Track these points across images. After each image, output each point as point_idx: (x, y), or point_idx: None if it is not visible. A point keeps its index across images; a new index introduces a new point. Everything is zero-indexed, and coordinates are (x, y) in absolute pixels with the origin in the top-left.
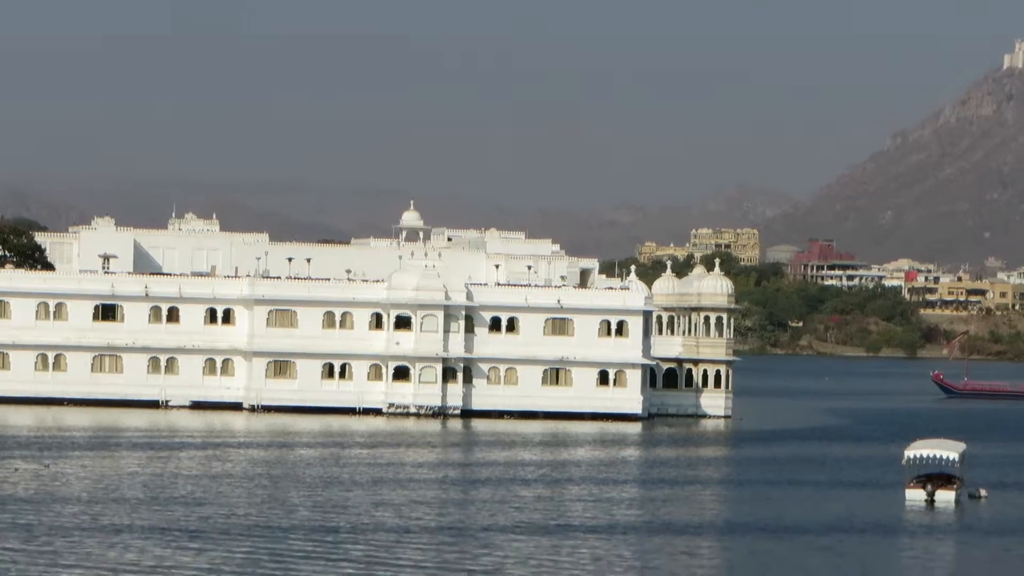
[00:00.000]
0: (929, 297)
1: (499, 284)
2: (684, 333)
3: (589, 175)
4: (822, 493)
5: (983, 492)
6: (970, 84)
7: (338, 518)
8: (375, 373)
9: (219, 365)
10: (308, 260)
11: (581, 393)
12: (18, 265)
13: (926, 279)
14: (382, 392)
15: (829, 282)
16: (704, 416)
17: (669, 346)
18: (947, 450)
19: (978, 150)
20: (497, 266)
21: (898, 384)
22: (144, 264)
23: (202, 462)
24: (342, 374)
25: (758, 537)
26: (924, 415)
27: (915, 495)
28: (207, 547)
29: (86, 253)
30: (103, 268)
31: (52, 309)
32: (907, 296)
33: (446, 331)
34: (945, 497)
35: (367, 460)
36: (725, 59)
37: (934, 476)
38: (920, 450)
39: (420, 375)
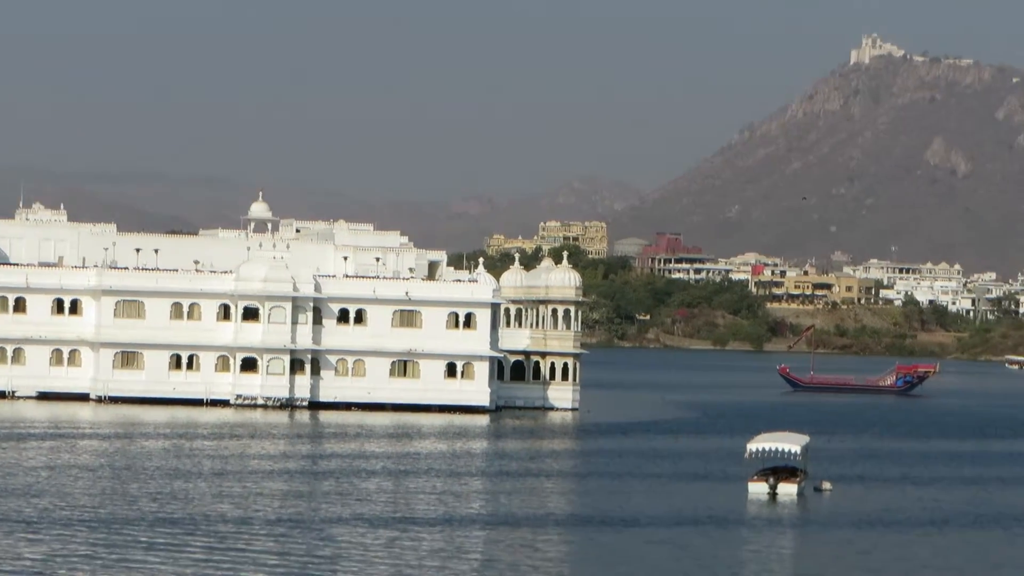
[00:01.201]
0: (776, 291)
1: (347, 276)
2: (532, 326)
3: (438, 167)
4: (666, 486)
5: (827, 485)
6: (817, 79)
7: (179, 510)
8: (223, 364)
9: (66, 356)
10: (156, 251)
11: (429, 385)
12: None
13: (773, 273)
14: (229, 383)
15: (676, 275)
16: (551, 409)
17: (517, 339)
18: (789, 443)
19: (825, 144)
20: (345, 258)
21: (744, 377)
22: None
23: (45, 453)
24: (189, 365)
25: (601, 530)
26: (770, 408)
27: (757, 488)
28: (45, 538)
29: None
30: None
31: None
32: (754, 290)
33: (294, 323)
34: (787, 490)
35: (212, 452)
36: (575, 52)
37: (779, 469)
38: (763, 443)
39: (268, 367)
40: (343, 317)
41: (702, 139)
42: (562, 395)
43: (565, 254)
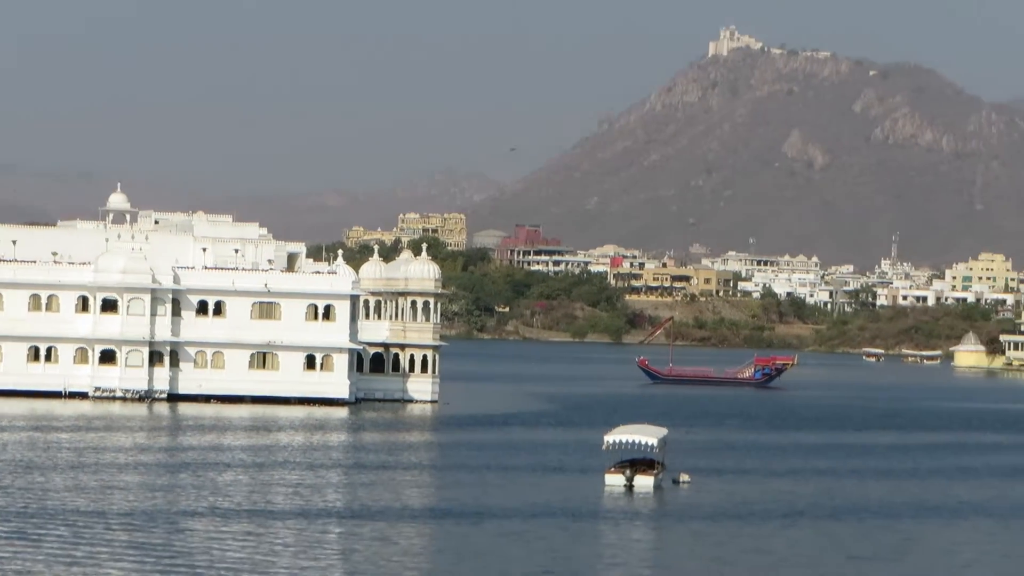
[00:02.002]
0: (634, 283)
1: (206, 267)
2: (391, 318)
3: (298, 160)
4: (524, 478)
5: (685, 477)
6: (676, 71)
7: (34, 503)
8: (81, 356)
9: None
10: (13, 242)
11: (288, 377)
12: None
13: (631, 265)
14: (88, 376)
15: (535, 267)
16: (411, 401)
17: (376, 331)
18: (646, 435)
19: (683, 137)
20: (204, 249)
21: (603, 369)
22: None
23: None
24: (48, 357)
25: (458, 522)
26: (629, 400)
27: (614, 480)
28: None
29: None
30: None
31: None
32: (613, 282)
33: (153, 314)
34: (644, 482)
35: (68, 444)
36: (432, 44)
37: (637, 461)
38: (620, 436)
39: (126, 359)
40: (202, 309)
41: (561, 131)
42: (421, 387)
43: (424, 246)
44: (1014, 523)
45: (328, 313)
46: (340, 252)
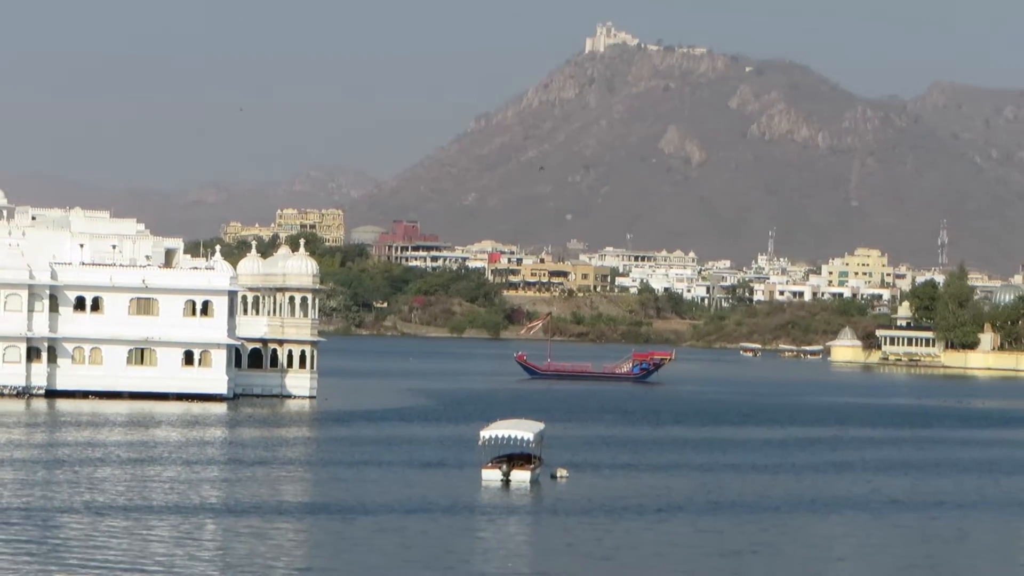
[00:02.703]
0: (512, 279)
1: (84, 263)
2: (269, 313)
3: (175, 155)
4: (402, 474)
5: (562, 472)
6: (552, 68)
7: None
8: None
9: None
10: None
11: (166, 373)
12: None
13: (509, 261)
14: None
15: (413, 263)
16: (289, 396)
17: (254, 326)
18: (523, 430)
19: (560, 133)
20: (82, 245)
21: (482, 365)
22: None
23: None
24: None
25: (335, 518)
26: (507, 396)
27: (491, 475)
28: None
29: None
30: None
31: None
32: (491, 277)
33: (30, 310)
34: (520, 477)
35: None
36: (309, 39)
37: (515, 456)
38: (496, 431)
39: (4, 355)
40: (80, 305)
41: (438, 127)
42: (299, 383)
43: (302, 242)
44: (888, 517)
45: (206, 309)
46: (218, 248)
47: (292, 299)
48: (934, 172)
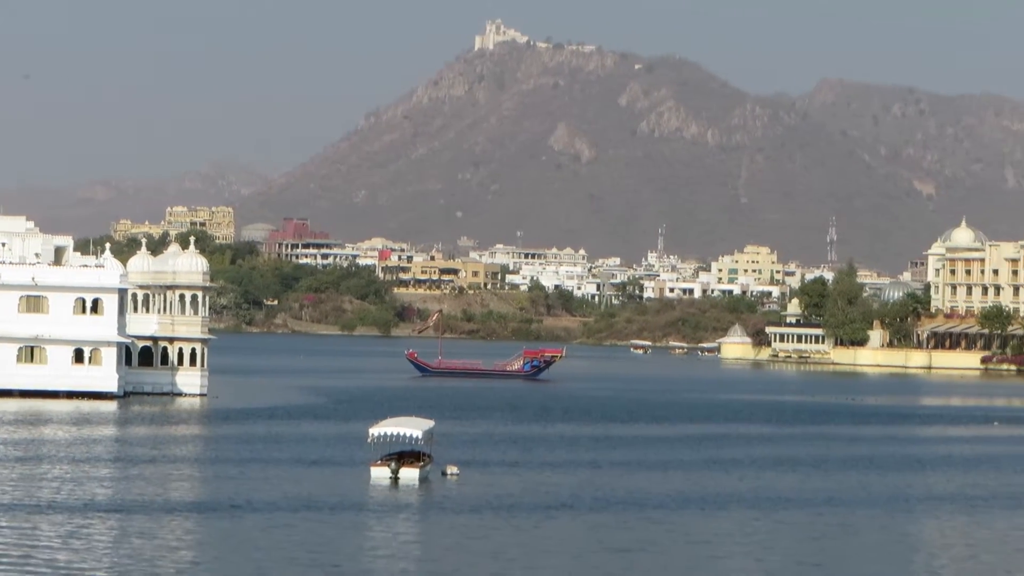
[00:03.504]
0: (403, 276)
1: None
2: (159, 311)
3: (64, 152)
4: (291, 471)
5: (453, 470)
6: (442, 65)
7: None
8: None
9: None
10: None
11: (56, 371)
12: None
13: (400, 258)
14: None
15: (304, 261)
16: (180, 394)
17: (145, 324)
18: (412, 428)
19: (450, 130)
20: None
21: (373, 362)
22: None
23: None
24: None
25: (223, 516)
26: (398, 393)
27: (380, 473)
28: None
29: None
30: None
31: None
32: (381, 275)
33: None
34: (409, 475)
35: None
36: (197, 36)
37: (405, 454)
38: (385, 428)
39: None
40: None
41: (327, 125)
42: (190, 380)
43: (192, 239)
44: (776, 514)
45: (96, 307)
46: (108, 246)
47: (182, 297)
48: (823, 169)
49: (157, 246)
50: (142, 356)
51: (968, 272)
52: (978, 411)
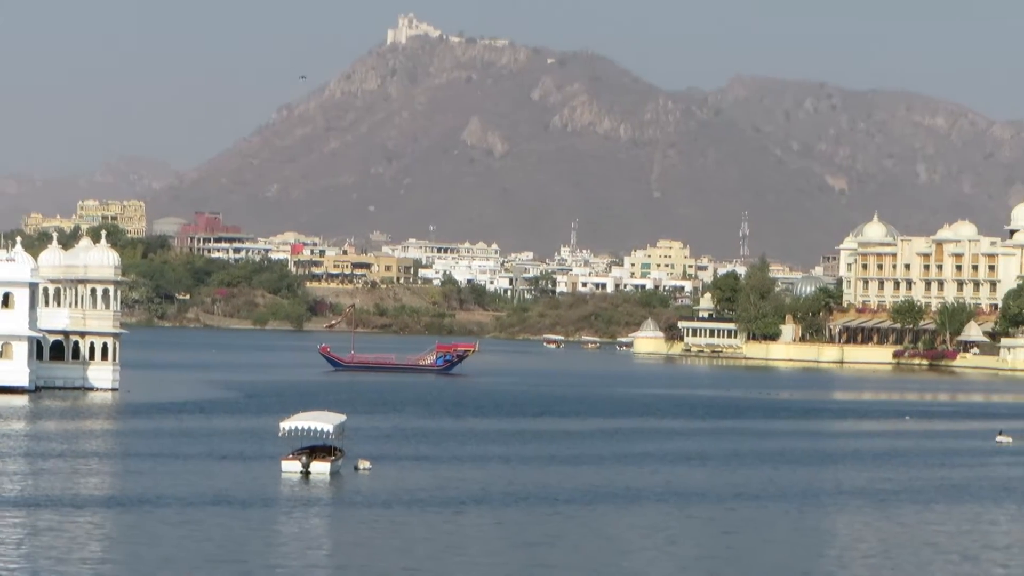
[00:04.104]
0: (315, 270)
1: None
2: (71, 305)
3: None
4: (202, 466)
5: (365, 464)
6: (354, 59)
7: None
8: None
9: None
10: None
11: None
12: None
13: (312, 252)
14: None
15: (216, 255)
16: (91, 389)
17: (56, 318)
18: (323, 422)
19: (363, 124)
20: None
21: (285, 357)
22: None
23: None
24: None
25: (133, 510)
26: (310, 388)
27: (291, 467)
28: None
29: None
30: None
31: None
32: (293, 269)
33: None
34: (320, 469)
35: None
36: (105, 29)
37: (317, 448)
38: (296, 422)
39: None
40: None
41: (240, 118)
42: (102, 375)
43: (103, 233)
44: (687, 508)
45: (7, 301)
46: (18, 240)
47: (94, 291)
48: (735, 164)
49: (68, 240)
50: (53, 350)
51: (880, 267)
52: (890, 405)
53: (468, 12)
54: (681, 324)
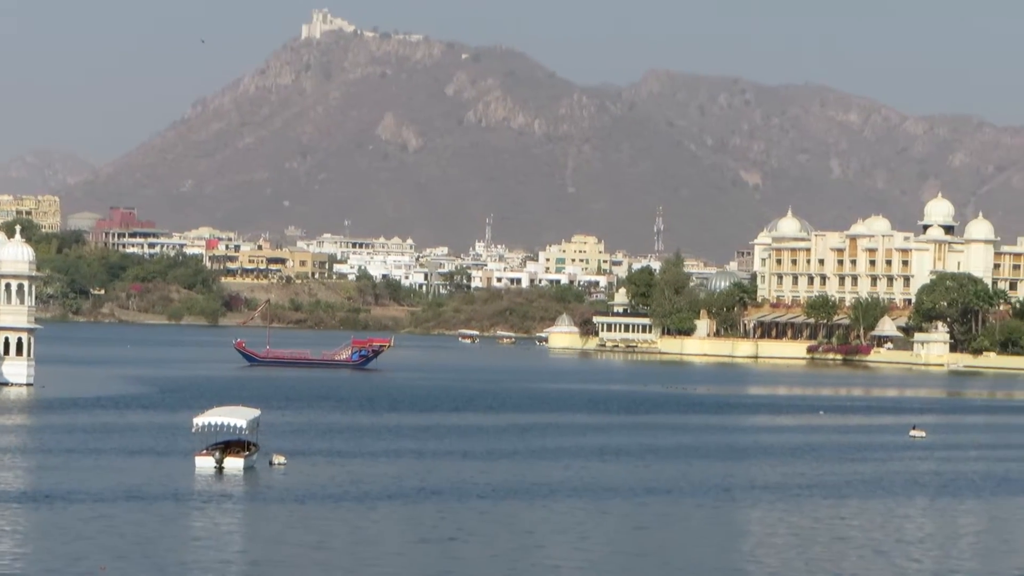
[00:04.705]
0: (230, 265)
1: None
2: None
3: None
4: (116, 461)
5: (280, 459)
6: (269, 53)
7: None
8: None
9: None
10: None
11: None
12: None
13: (227, 247)
14: None
15: (131, 250)
16: (6, 384)
17: None
18: (236, 417)
19: (277, 119)
20: None
21: (201, 352)
22: None
23: None
24: None
25: (46, 505)
26: (225, 383)
27: (204, 463)
28: None
29: None
30: None
31: None
32: (208, 264)
33: None
34: (234, 464)
35: None
36: (22, 22)
37: (232, 443)
38: (209, 418)
39: None
40: None
41: (155, 113)
42: (16, 370)
43: (18, 228)
44: (600, 503)
45: None
46: None
47: (8, 286)
48: (649, 159)
49: None
50: None
51: (794, 262)
52: (804, 400)
53: (382, 7)
54: (596, 319)
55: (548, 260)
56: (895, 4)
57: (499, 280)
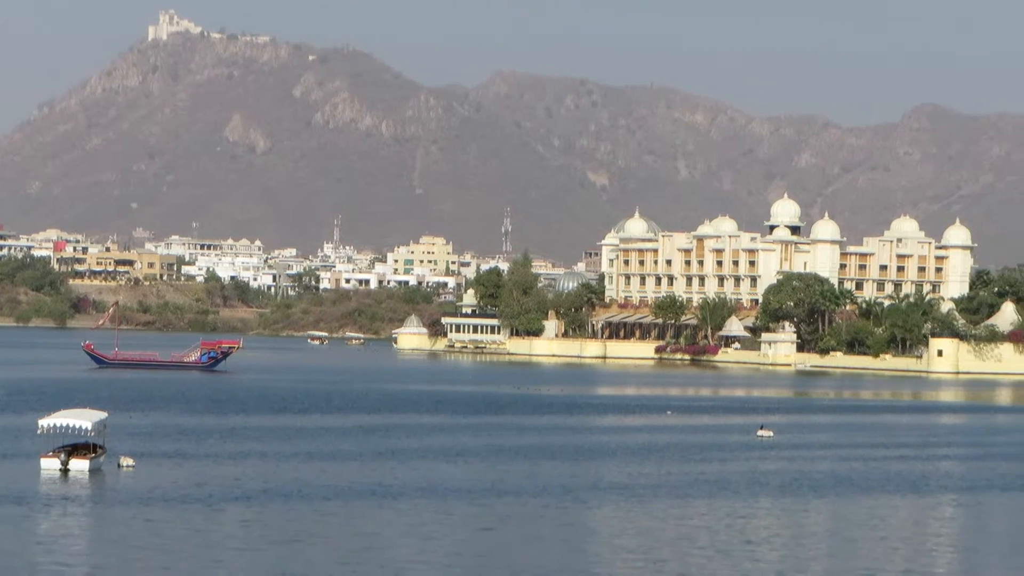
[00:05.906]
0: (78, 267)
1: None
2: None
3: None
4: None
5: (128, 461)
6: (115, 55)
7: None
8: None
9: None
10: None
11: None
12: None
13: (75, 249)
14: None
15: None
16: None
17: None
18: (82, 419)
19: (124, 121)
20: None
21: (49, 354)
22: None
23: None
24: None
25: None
26: (74, 385)
27: (50, 465)
28: None
29: None
30: None
31: None
32: (56, 267)
33: None
34: (80, 466)
35: None
36: None
37: (79, 446)
38: (54, 420)
39: None
40: None
41: (1, 115)
42: None
43: None
44: (445, 504)
45: None
46: None
47: None
48: (497, 160)
49: None
50: None
51: (641, 262)
52: (652, 400)
53: (229, 9)
54: (444, 320)
55: (396, 261)
56: (740, 4)
57: (348, 281)
